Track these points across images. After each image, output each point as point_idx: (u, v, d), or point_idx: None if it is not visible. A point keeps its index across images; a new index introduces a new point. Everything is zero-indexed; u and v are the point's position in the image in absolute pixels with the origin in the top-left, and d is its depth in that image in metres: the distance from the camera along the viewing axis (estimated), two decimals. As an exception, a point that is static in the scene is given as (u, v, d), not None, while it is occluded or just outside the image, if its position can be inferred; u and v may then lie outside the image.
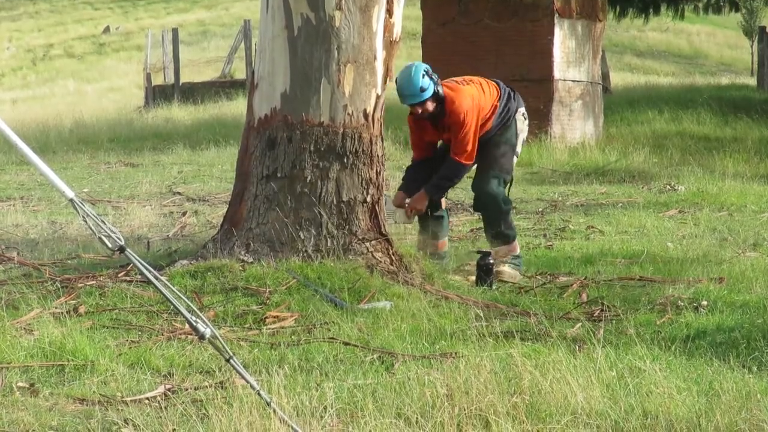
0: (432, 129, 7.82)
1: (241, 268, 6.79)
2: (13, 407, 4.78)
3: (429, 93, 7.53)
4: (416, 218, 8.03)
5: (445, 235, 8.10)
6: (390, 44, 7.29)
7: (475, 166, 8.00)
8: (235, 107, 24.05)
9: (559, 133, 16.49)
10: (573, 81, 16.78)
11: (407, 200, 7.92)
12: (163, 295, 4.31)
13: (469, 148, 7.69)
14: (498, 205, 7.80)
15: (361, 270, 6.85)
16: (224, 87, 29.33)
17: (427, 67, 7.62)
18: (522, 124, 8.01)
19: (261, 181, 7.12)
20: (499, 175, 7.87)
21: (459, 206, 10.96)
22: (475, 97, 7.73)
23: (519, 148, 8.03)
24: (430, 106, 7.60)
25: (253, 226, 7.07)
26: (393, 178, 8.20)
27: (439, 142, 7.99)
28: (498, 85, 8.00)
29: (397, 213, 7.88)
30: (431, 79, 7.54)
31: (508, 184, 8.00)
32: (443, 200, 8.10)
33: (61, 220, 10.03)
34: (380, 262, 7.05)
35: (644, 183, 13.04)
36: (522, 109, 8.02)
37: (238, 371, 4.36)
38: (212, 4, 56.06)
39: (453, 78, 8.06)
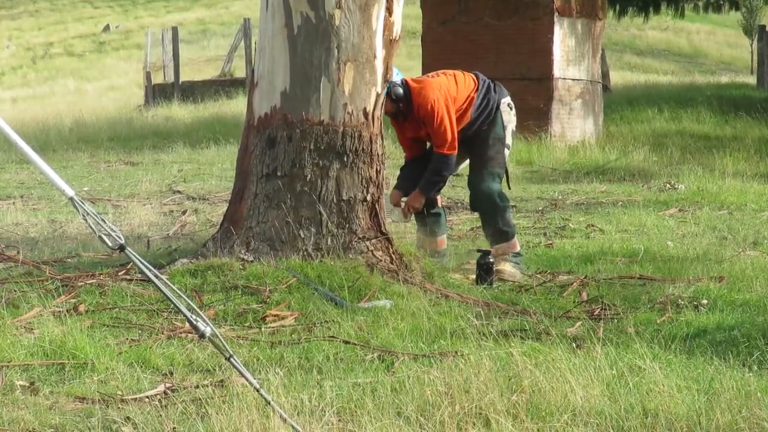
0: (409, 125, 7.82)
1: (241, 266, 6.79)
2: (14, 406, 4.79)
3: None
4: (413, 216, 8.04)
5: (444, 233, 8.10)
6: (390, 43, 7.29)
7: (468, 162, 7.99)
8: (235, 106, 24.06)
9: (559, 132, 16.49)
10: (573, 79, 16.78)
11: (403, 199, 7.92)
12: (163, 293, 4.31)
13: (448, 137, 7.66)
14: (494, 202, 7.79)
15: (361, 269, 6.85)
16: (224, 85, 29.34)
17: None
18: (508, 115, 7.95)
19: (261, 179, 7.12)
20: (493, 171, 7.84)
21: (459, 205, 10.96)
22: (442, 86, 7.72)
23: (509, 140, 7.99)
24: (389, 105, 7.59)
25: (253, 224, 7.07)
26: (393, 177, 8.20)
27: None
28: (476, 77, 7.97)
29: (395, 212, 7.88)
30: None
31: (504, 178, 7.98)
32: (439, 198, 8.10)
33: (61, 218, 10.04)
34: (380, 260, 7.05)
35: (644, 182, 13.04)
36: (506, 100, 7.95)
37: (238, 370, 4.36)
38: (212, 3, 56.06)
39: (429, 73, 8.10)
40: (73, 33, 52.22)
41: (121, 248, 4.18)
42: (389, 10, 7.24)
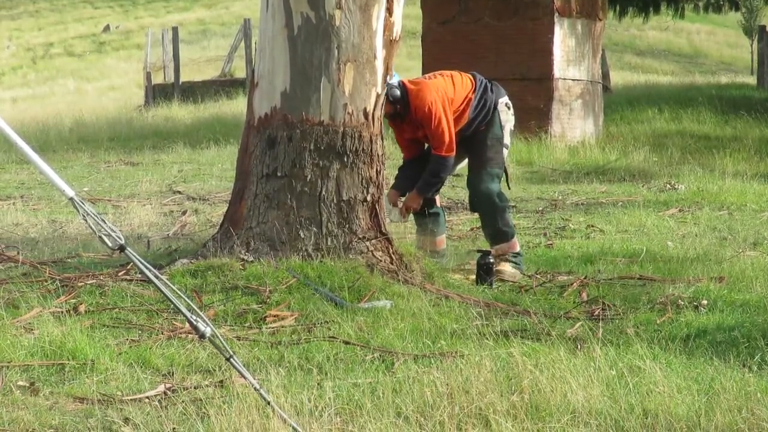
0: (407, 127, 7.82)
1: (241, 266, 6.79)
2: (13, 406, 4.79)
3: None
4: (412, 216, 8.04)
5: (443, 232, 8.10)
6: (390, 43, 7.29)
7: (466, 162, 7.99)
8: (235, 106, 24.07)
9: (559, 132, 16.49)
10: (573, 80, 16.78)
11: (401, 199, 7.93)
12: (163, 294, 4.31)
13: (446, 139, 7.65)
14: (493, 202, 7.78)
15: (362, 269, 6.85)
16: (224, 86, 29.35)
17: None
18: (506, 115, 7.95)
19: (261, 179, 7.12)
20: (492, 172, 7.83)
21: (459, 205, 10.96)
22: (440, 88, 7.71)
23: (507, 140, 7.97)
24: (387, 106, 7.56)
25: (253, 225, 7.07)
26: (393, 177, 8.21)
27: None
28: (473, 77, 7.96)
29: (393, 211, 7.88)
30: None
31: (504, 178, 7.97)
32: (438, 198, 8.10)
33: (62, 218, 10.04)
34: (380, 261, 7.05)
35: (644, 182, 13.04)
36: (503, 99, 7.94)
37: (238, 370, 4.36)
38: (212, 3, 56.06)
39: (427, 74, 8.10)
40: (73, 33, 52.22)
41: (121, 248, 4.18)
42: (389, 10, 7.24)
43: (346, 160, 7.08)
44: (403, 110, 7.68)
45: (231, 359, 4.32)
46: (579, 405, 4.54)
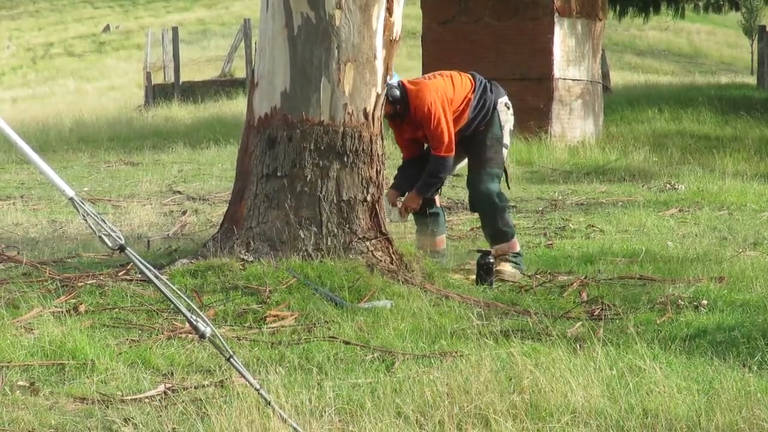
0: (406, 127, 7.82)
1: (241, 266, 6.79)
2: (13, 406, 4.79)
3: None
4: (411, 216, 8.04)
5: (443, 232, 8.10)
6: (390, 43, 7.29)
7: (466, 162, 7.99)
8: (235, 106, 24.07)
9: (559, 132, 16.49)
10: (573, 80, 16.78)
11: (400, 198, 7.93)
12: (163, 294, 4.31)
13: (446, 139, 7.65)
14: (493, 202, 7.78)
15: (362, 269, 6.85)
16: (224, 86, 29.35)
17: None
18: (505, 115, 7.95)
19: (261, 179, 7.12)
20: (491, 172, 7.83)
21: (459, 205, 10.96)
22: (439, 89, 7.72)
23: (507, 139, 7.97)
24: (386, 107, 7.55)
25: (253, 224, 7.08)
26: (393, 177, 8.21)
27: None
28: (473, 77, 7.96)
29: (392, 211, 7.89)
30: None
31: (504, 178, 7.97)
32: (438, 198, 8.10)
33: (62, 218, 10.04)
34: (380, 261, 7.05)
35: (644, 182, 13.04)
36: (503, 99, 7.93)
37: (238, 370, 4.36)
38: (212, 3, 56.06)
39: (427, 74, 8.10)
40: (73, 33, 52.21)
41: (121, 248, 4.18)
42: (389, 10, 7.24)
43: (346, 160, 7.08)
44: (403, 110, 7.68)
45: (231, 359, 4.32)
46: (579, 405, 4.54)
